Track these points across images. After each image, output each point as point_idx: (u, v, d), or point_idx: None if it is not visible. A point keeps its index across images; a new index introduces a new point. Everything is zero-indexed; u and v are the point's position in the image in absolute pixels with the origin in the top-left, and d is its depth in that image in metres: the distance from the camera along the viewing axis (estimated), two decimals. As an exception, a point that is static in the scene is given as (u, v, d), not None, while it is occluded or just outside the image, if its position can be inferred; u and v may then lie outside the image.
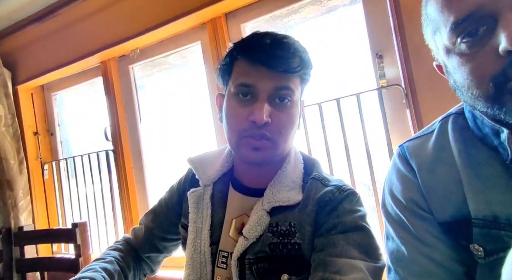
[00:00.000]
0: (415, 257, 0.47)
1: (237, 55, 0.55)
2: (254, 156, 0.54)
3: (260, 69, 0.51)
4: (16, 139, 1.58)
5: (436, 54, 0.48)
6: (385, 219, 0.54)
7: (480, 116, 0.45)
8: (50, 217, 1.69)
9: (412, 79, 0.84)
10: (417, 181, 0.49)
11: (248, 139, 0.53)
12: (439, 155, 0.49)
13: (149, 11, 1.23)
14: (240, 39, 0.58)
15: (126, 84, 1.46)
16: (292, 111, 0.55)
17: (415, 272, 0.47)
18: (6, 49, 1.64)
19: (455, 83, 0.44)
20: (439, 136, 0.50)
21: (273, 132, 0.52)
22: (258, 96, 0.52)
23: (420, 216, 0.48)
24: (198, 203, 0.62)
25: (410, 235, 0.48)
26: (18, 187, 1.53)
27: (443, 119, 0.52)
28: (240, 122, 0.53)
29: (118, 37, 1.31)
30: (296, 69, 0.53)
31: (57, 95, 1.75)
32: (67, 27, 1.45)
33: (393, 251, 0.51)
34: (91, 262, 0.64)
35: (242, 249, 0.54)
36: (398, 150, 0.55)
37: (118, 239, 0.75)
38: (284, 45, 0.52)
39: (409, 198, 0.50)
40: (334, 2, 1.05)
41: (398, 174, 0.53)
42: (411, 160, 0.51)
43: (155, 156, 1.46)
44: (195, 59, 1.34)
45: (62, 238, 1.31)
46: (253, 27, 1.19)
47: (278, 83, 0.52)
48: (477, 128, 0.46)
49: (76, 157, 1.59)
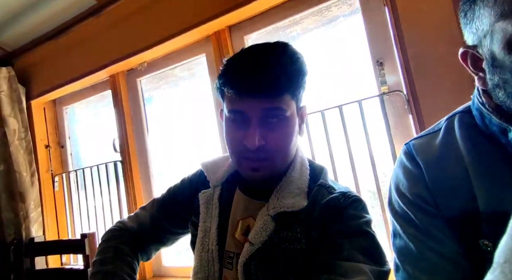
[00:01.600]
0: (423, 253, 0.47)
1: (223, 88, 0.55)
2: (254, 176, 0.55)
3: (247, 97, 0.52)
4: (29, 152, 1.63)
5: (480, 43, 0.43)
6: (392, 217, 0.54)
7: (488, 115, 0.45)
8: (60, 228, 1.71)
9: (413, 85, 0.84)
10: (424, 177, 0.50)
11: (246, 161, 0.55)
12: (446, 152, 0.49)
13: (156, 26, 1.28)
14: (223, 68, 0.57)
15: (134, 97, 1.51)
16: (286, 127, 0.55)
17: (424, 268, 0.47)
18: (21, 66, 1.71)
19: (502, 77, 0.41)
20: (446, 134, 0.51)
21: (269, 151, 0.53)
22: (250, 120, 0.53)
23: (428, 211, 0.48)
24: (207, 203, 0.64)
25: (418, 230, 0.48)
26: (30, 199, 1.57)
27: (449, 118, 0.52)
28: (237, 145, 0.55)
29: (127, 52, 1.36)
30: (282, 90, 0.52)
31: (68, 108, 1.81)
32: (78, 43, 1.51)
33: (400, 248, 0.51)
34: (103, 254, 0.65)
35: (248, 254, 0.55)
36: (404, 148, 0.55)
37: (117, 225, 0.73)
38: (268, 69, 0.51)
39: (416, 193, 0.50)
40: (334, 12, 1.08)
41: (404, 170, 0.53)
42: (417, 157, 0.51)
43: (162, 167, 1.48)
44: (200, 71, 1.38)
45: (71, 249, 1.32)
46: (256, 38, 1.22)
47: (267, 105, 0.52)
48: (485, 126, 0.46)
49: (85, 169, 1.62)
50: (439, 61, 0.81)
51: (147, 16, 1.30)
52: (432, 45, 0.82)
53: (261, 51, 0.54)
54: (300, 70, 0.55)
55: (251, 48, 0.56)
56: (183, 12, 1.21)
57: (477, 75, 0.46)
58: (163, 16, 1.26)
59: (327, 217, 0.53)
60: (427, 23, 0.83)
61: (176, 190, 0.73)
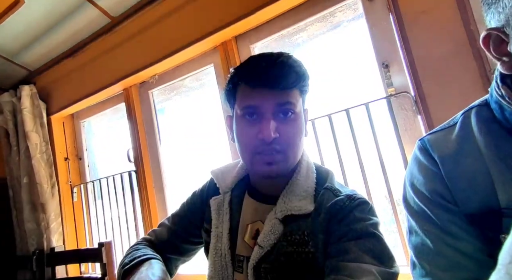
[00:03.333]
0: (441, 249, 0.46)
1: (239, 81, 0.59)
2: (268, 170, 0.56)
3: (261, 90, 0.55)
4: (49, 165, 1.70)
5: (508, 23, 0.41)
6: (408, 214, 0.53)
7: (508, 108, 0.43)
8: (79, 238, 1.77)
9: (420, 85, 0.84)
10: (440, 172, 0.48)
11: (260, 156, 0.56)
12: (463, 147, 0.48)
13: (165, 40, 1.33)
14: (239, 65, 0.62)
15: (147, 108, 1.56)
16: (297, 122, 0.58)
17: (443, 265, 0.46)
18: (42, 83, 1.82)
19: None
20: (462, 128, 0.49)
21: (282, 144, 0.55)
22: (263, 115, 0.56)
23: (445, 207, 0.47)
24: (219, 209, 0.66)
25: (435, 227, 0.47)
26: (50, 210, 1.64)
27: (465, 112, 0.51)
28: (251, 141, 0.56)
29: (139, 66, 1.42)
30: (293, 83, 0.56)
31: (85, 122, 1.89)
32: (93, 59, 1.59)
33: (417, 245, 0.50)
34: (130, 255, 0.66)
35: (258, 258, 0.56)
36: (419, 143, 0.54)
37: (136, 242, 0.74)
38: (279, 64, 0.55)
39: (433, 189, 0.49)
40: (339, 18, 1.09)
41: (420, 166, 0.52)
42: (433, 152, 0.50)
43: (174, 176, 1.51)
44: (209, 81, 1.42)
45: (89, 258, 1.36)
46: (262, 47, 1.25)
47: (279, 100, 0.55)
48: (505, 119, 0.45)
49: (102, 179, 1.68)
50: (445, 61, 0.80)
51: (157, 31, 1.36)
52: (437, 45, 0.82)
53: (268, 56, 0.58)
54: (305, 72, 0.59)
55: (258, 54, 0.60)
56: (191, 26, 1.25)
57: (500, 60, 0.43)
58: (172, 30, 1.31)
59: (333, 220, 0.54)
60: (431, 24, 0.83)
61: (188, 202, 0.76)
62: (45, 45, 1.59)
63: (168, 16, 1.32)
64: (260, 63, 0.57)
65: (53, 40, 1.55)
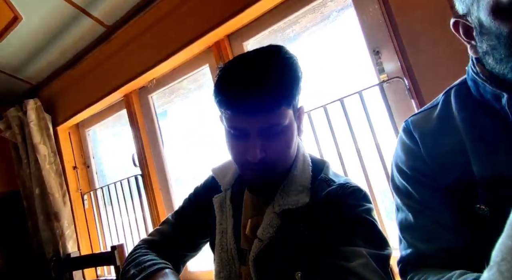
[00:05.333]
0: (421, 222, 0.49)
1: (219, 108, 0.56)
2: (257, 183, 0.59)
3: (245, 117, 0.52)
4: (59, 175, 1.76)
5: (469, 11, 0.44)
6: (394, 193, 0.56)
7: (482, 83, 0.46)
8: (93, 243, 1.82)
9: (411, 70, 0.84)
10: (420, 150, 0.52)
11: (250, 171, 0.57)
12: (442, 124, 0.51)
13: (160, 44, 1.35)
14: (218, 83, 0.55)
15: (148, 113, 1.59)
16: (285, 136, 0.56)
17: (423, 236, 0.49)
18: (46, 95, 1.87)
19: (490, 44, 0.41)
20: (443, 107, 0.52)
21: (271, 160, 0.55)
22: (248, 134, 0.54)
23: (424, 183, 0.50)
24: (221, 206, 0.67)
25: (416, 202, 0.51)
26: (63, 217, 1.69)
27: (446, 92, 0.54)
28: (238, 157, 0.57)
29: (136, 71, 1.45)
30: (279, 104, 0.51)
31: (90, 130, 1.94)
32: (93, 69, 1.63)
33: (401, 220, 0.53)
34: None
35: (258, 250, 0.58)
36: (403, 125, 0.57)
37: (139, 243, 0.72)
38: (262, 86, 0.50)
39: (413, 167, 0.52)
40: (330, 8, 1.09)
41: (402, 146, 0.56)
42: (414, 132, 0.54)
43: (179, 176, 1.54)
44: (207, 82, 1.44)
45: (103, 262, 1.40)
46: (255, 44, 1.26)
47: (264, 124, 0.52)
48: (480, 95, 0.47)
49: (110, 185, 1.72)
50: (435, 44, 0.80)
51: (151, 36, 1.38)
52: (426, 28, 0.82)
53: (254, 63, 0.52)
54: (295, 77, 0.54)
55: (243, 60, 0.54)
56: (183, 28, 1.27)
57: (469, 44, 0.47)
58: (165, 34, 1.33)
59: (327, 209, 0.55)
60: (419, 8, 0.83)
61: (191, 198, 0.77)
62: (45, 59, 1.63)
63: (161, 20, 1.34)
64: (239, 88, 0.51)
65: (53, 53, 1.59)
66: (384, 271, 0.47)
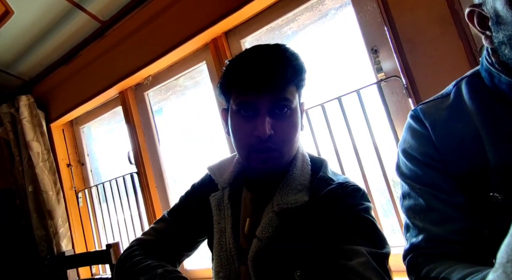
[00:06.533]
0: (433, 204, 0.49)
1: (231, 84, 0.58)
2: (263, 168, 0.57)
3: (257, 86, 0.54)
4: (53, 172, 1.73)
5: (484, 1, 0.44)
6: (401, 180, 0.56)
7: (497, 74, 0.46)
8: (88, 241, 1.80)
9: (409, 69, 0.84)
10: (431, 137, 0.51)
11: (256, 154, 0.57)
12: (454, 114, 0.50)
13: (157, 40, 1.34)
14: (234, 59, 0.59)
15: (143, 110, 1.57)
16: (292, 119, 0.57)
17: (435, 219, 0.48)
18: (40, 92, 1.83)
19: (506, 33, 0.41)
20: (455, 98, 0.52)
21: (278, 142, 0.56)
22: (259, 111, 0.55)
23: (436, 168, 0.50)
24: (219, 205, 0.67)
25: (427, 185, 0.50)
26: (57, 216, 1.67)
27: (457, 83, 0.53)
28: (247, 138, 0.57)
29: (132, 68, 1.43)
30: (290, 79, 0.55)
31: (85, 128, 1.91)
32: (87, 65, 1.60)
33: (410, 206, 0.52)
34: None
35: (257, 249, 0.57)
36: (411, 113, 0.57)
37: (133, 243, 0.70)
38: (275, 60, 0.54)
39: (424, 152, 0.52)
40: (327, 6, 1.09)
41: (412, 132, 0.55)
42: (424, 119, 0.53)
43: (176, 174, 1.53)
44: (203, 79, 1.42)
45: (98, 260, 1.39)
46: (252, 41, 1.25)
47: (275, 97, 0.55)
48: (494, 86, 0.47)
49: (105, 183, 1.70)
50: (432, 42, 0.81)
51: (147, 32, 1.36)
52: (424, 27, 0.82)
53: (264, 49, 0.57)
54: (302, 65, 0.58)
55: (254, 47, 0.58)
56: (180, 24, 1.26)
57: (484, 34, 0.46)
58: (162, 30, 1.32)
59: (327, 208, 0.55)
60: (418, 6, 0.83)
61: (187, 195, 0.76)
62: (38, 54, 1.60)
63: (157, 16, 1.32)
64: (255, 58, 0.55)
65: (46, 49, 1.56)
66: (384, 270, 0.47)
